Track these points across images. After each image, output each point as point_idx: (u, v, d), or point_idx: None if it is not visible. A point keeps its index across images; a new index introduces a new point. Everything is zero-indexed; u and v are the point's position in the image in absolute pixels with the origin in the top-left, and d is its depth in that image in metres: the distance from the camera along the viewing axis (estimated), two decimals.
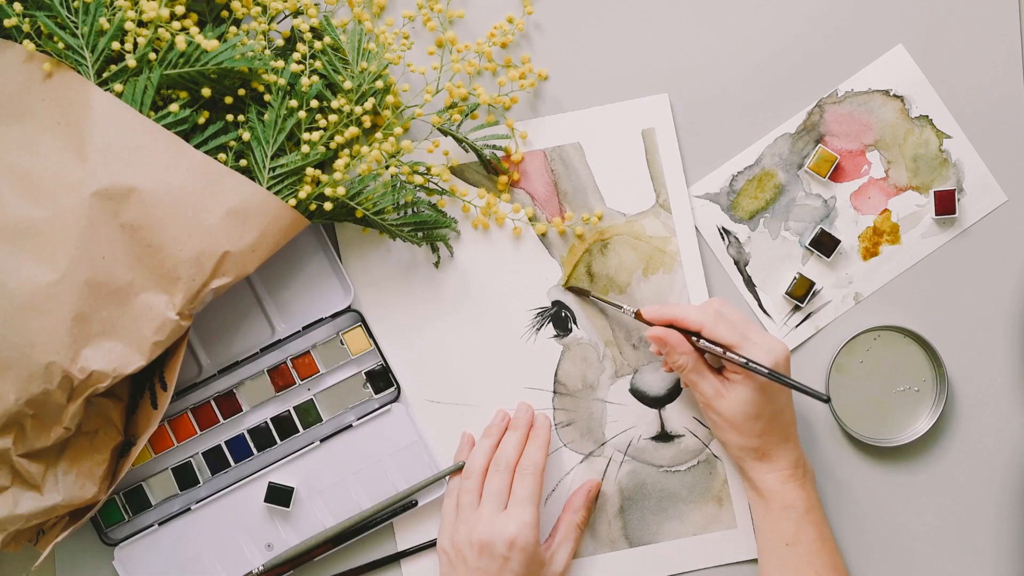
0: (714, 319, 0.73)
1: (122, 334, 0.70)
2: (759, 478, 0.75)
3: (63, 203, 0.69)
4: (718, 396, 0.73)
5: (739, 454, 0.75)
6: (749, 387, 0.72)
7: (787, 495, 0.74)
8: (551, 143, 0.81)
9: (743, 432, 0.74)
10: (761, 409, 0.73)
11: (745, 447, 0.74)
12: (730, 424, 0.74)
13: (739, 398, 0.72)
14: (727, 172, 0.82)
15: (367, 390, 0.80)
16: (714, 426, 0.76)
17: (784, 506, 0.74)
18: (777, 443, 0.74)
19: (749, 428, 0.73)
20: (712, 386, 0.73)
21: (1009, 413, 0.82)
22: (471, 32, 0.81)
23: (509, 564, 0.73)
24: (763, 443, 0.74)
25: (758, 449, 0.74)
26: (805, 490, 0.75)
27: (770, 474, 0.75)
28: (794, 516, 0.74)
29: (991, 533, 0.82)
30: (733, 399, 0.73)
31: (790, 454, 0.75)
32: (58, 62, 0.71)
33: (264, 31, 0.76)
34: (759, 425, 0.73)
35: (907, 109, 0.81)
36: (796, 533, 0.74)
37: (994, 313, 0.82)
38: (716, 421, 0.75)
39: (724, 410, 0.73)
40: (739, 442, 0.74)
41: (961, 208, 0.82)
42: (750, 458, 0.75)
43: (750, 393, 0.72)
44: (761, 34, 0.81)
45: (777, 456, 0.74)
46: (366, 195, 0.75)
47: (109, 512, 0.79)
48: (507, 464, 0.77)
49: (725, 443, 0.76)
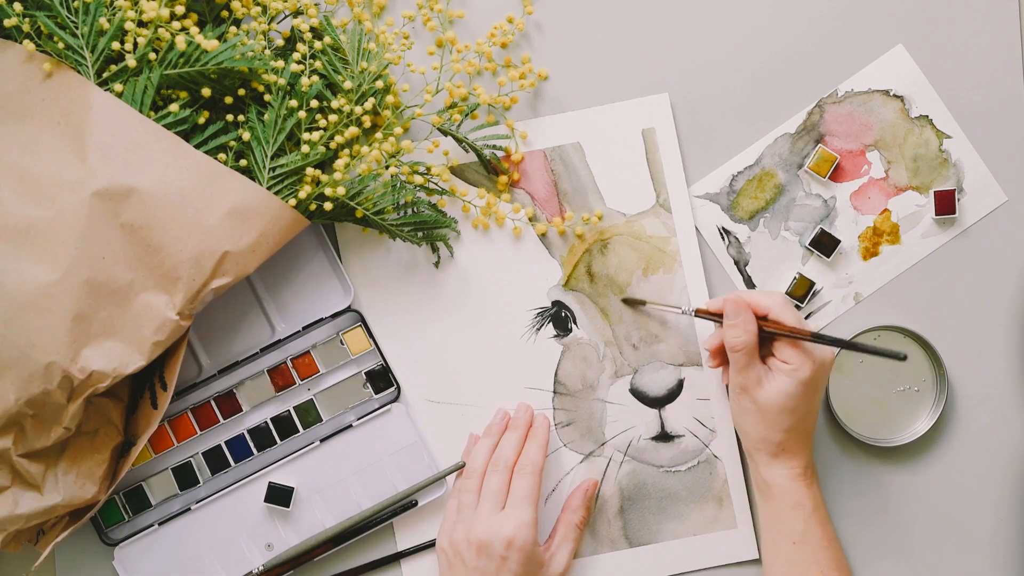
0: (782, 303, 0.74)
1: (122, 334, 0.70)
2: (770, 474, 0.75)
3: (63, 203, 0.69)
4: (759, 384, 0.73)
5: (757, 447, 0.75)
6: (793, 380, 0.73)
7: (796, 493, 0.74)
8: (551, 143, 0.81)
9: (771, 424, 0.74)
10: (797, 404, 0.73)
11: (767, 440, 0.74)
12: (762, 414, 0.74)
13: (780, 389, 0.73)
14: (727, 172, 0.82)
15: (367, 390, 0.80)
16: (743, 413, 0.75)
17: (793, 504, 0.74)
18: (797, 442, 0.74)
19: (779, 421, 0.73)
20: (757, 372, 0.74)
21: (1009, 413, 0.82)
22: (471, 32, 0.81)
23: (507, 564, 0.73)
24: (785, 439, 0.74)
25: (779, 444, 0.74)
26: (812, 489, 0.75)
27: (782, 471, 0.75)
28: (802, 515, 0.74)
29: (991, 533, 0.82)
30: (774, 389, 0.73)
31: (805, 454, 0.75)
32: (58, 62, 0.71)
33: (264, 31, 0.76)
34: (789, 420, 0.73)
35: (907, 109, 0.81)
36: (804, 532, 0.74)
37: (994, 313, 0.82)
38: (748, 408, 0.75)
39: (762, 398, 0.73)
40: (763, 434, 0.74)
41: (961, 208, 0.82)
42: (767, 453, 0.75)
43: (793, 386, 0.72)
44: (761, 34, 0.81)
45: (793, 455, 0.74)
46: (366, 195, 0.75)
47: (109, 512, 0.79)
48: (505, 464, 0.77)
49: (746, 433, 0.76)
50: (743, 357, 0.74)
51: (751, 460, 0.77)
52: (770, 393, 0.73)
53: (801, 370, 0.72)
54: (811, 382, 0.73)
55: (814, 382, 0.73)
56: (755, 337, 0.73)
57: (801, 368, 0.72)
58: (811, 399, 0.74)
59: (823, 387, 0.75)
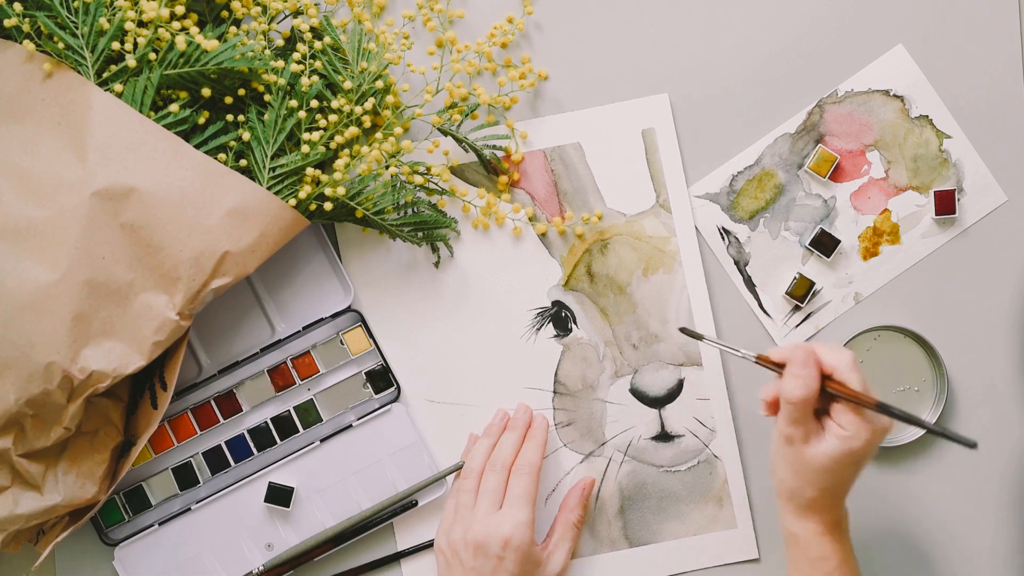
0: (850, 364, 0.69)
1: (122, 334, 0.70)
2: (796, 526, 0.72)
3: (63, 203, 0.69)
4: (806, 440, 0.70)
5: (788, 497, 0.72)
6: (844, 447, 0.69)
7: (822, 548, 0.71)
8: (551, 143, 0.81)
9: (808, 481, 0.70)
10: (840, 469, 0.69)
11: (800, 494, 0.71)
12: (802, 469, 0.70)
13: (828, 451, 0.69)
14: (727, 172, 0.82)
15: (367, 390, 0.80)
16: (781, 460, 0.72)
17: (818, 557, 0.72)
18: (829, 503, 0.71)
19: (817, 480, 0.70)
20: (808, 428, 0.70)
21: (1009, 413, 0.82)
22: (471, 32, 0.81)
23: (504, 564, 0.73)
24: (818, 498, 0.71)
25: (811, 500, 0.71)
26: (840, 544, 0.72)
27: (809, 525, 0.72)
28: (826, 568, 0.72)
29: (991, 533, 0.82)
30: (821, 449, 0.69)
31: (835, 513, 0.72)
32: (58, 62, 0.71)
33: (264, 31, 0.76)
34: (827, 482, 0.70)
35: (907, 109, 0.81)
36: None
37: (994, 313, 0.82)
38: (789, 459, 0.71)
39: (807, 455, 0.70)
40: (796, 487, 0.71)
41: (961, 208, 0.82)
42: (795, 506, 0.72)
43: (842, 452, 0.69)
44: (761, 34, 0.81)
45: (822, 512, 0.71)
46: (366, 195, 0.75)
47: (109, 512, 0.79)
48: (503, 464, 0.77)
49: (780, 480, 0.72)
50: (797, 411, 0.69)
51: (780, 506, 0.74)
52: (816, 452, 0.69)
53: (855, 439, 0.68)
54: (862, 452, 0.69)
55: (864, 452, 0.69)
56: (814, 394, 0.69)
57: (856, 437, 0.68)
58: (856, 467, 0.70)
59: (871, 458, 0.71)
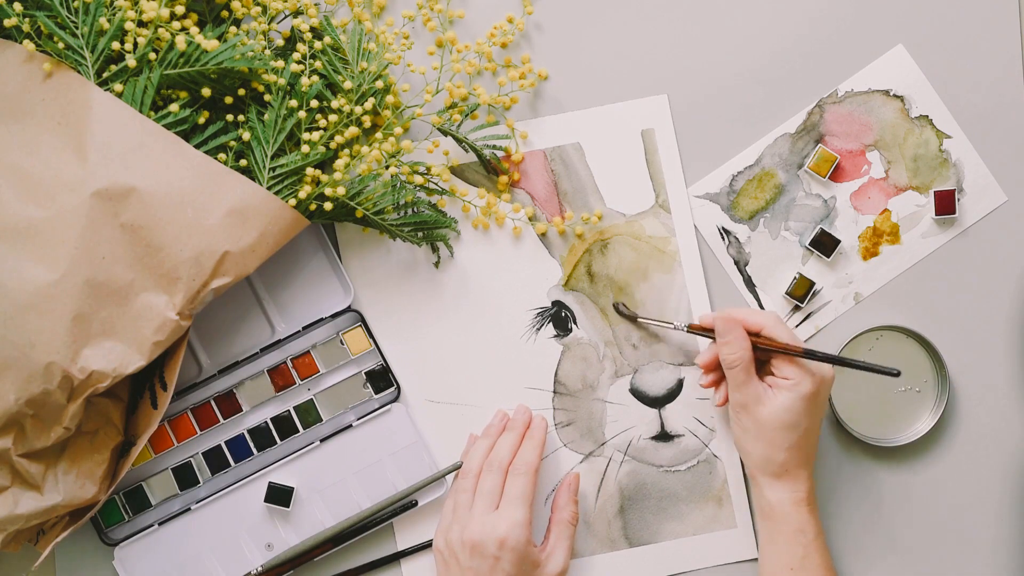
0: (775, 321, 0.74)
1: (122, 334, 0.70)
2: (773, 497, 0.74)
3: (63, 203, 0.69)
4: (758, 401, 0.73)
5: (760, 467, 0.74)
6: (793, 396, 0.72)
7: (799, 519, 0.74)
8: (551, 143, 0.81)
9: (773, 442, 0.73)
10: (798, 420, 0.72)
11: (770, 459, 0.74)
12: (763, 432, 0.73)
13: (781, 405, 0.72)
14: (727, 172, 0.82)
15: (367, 390, 0.80)
16: (743, 433, 0.75)
17: (795, 530, 0.74)
18: (800, 463, 0.74)
19: (780, 439, 0.73)
20: (756, 389, 0.73)
21: (1009, 413, 0.82)
22: (471, 32, 0.81)
23: (500, 564, 0.73)
24: (788, 458, 0.73)
25: (782, 464, 0.73)
26: (814, 516, 0.75)
27: (785, 494, 0.74)
28: (803, 541, 0.74)
29: (991, 533, 0.82)
30: (774, 406, 0.72)
31: (807, 479, 0.74)
32: (58, 62, 0.71)
33: (264, 31, 0.76)
34: (791, 438, 0.73)
35: (907, 109, 0.81)
36: (803, 559, 0.74)
37: (994, 313, 0.82)
38: (748, 428, 0.74)
39: (763, 415, 0.73)
40: (765, 453, 0.73)
41: (961, 208, 0.82)
42: (770, 474, 0.74)
43: (793, 401, 0.72)
44: (761, 34, 0.81)
45: (795, 477, 0.74)
46: (366, 195, 0.75)
47: (109, 512, 0.79)
48: (500, 464, 0.77)
49: (748, 454, 0.75)
50: (740, 373, 0.73)
51: (754, 482, 0.77)
52: (771, 409, 0.72)
53: (802, 385, 0.72)
54: (812, 397, 0.72)
55: (815, 397, 0.72)
56: (750, 353, 0.73)
57: (802, 383, 0.72)
58: (813, 415, 0.73)
59: (825, 403, 0.75)
